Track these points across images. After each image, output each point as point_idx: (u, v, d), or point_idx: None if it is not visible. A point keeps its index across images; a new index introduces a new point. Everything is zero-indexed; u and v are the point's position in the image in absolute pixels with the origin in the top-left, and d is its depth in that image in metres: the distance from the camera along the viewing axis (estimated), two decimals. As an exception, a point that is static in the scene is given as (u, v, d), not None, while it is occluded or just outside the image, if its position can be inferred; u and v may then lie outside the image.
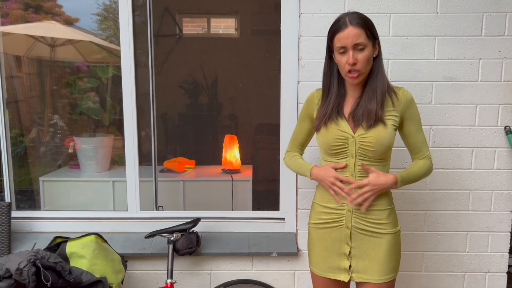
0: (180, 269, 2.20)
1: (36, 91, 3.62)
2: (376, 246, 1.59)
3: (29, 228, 2.27)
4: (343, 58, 1.51)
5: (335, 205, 1.62)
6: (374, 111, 1.53)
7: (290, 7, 2.09)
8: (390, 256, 1.59)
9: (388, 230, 1.59)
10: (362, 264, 1.60)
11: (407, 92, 1.60)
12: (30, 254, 1.62)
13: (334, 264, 1.63)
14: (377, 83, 1.55)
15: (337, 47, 1.51)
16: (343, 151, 1.58)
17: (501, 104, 2.06)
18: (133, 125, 2.22)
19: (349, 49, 1.48)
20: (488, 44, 2.02)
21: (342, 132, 1.56)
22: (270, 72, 4.04)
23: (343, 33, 1.48)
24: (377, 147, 1.53)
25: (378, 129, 1.53)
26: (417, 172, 1.62)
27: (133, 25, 2.18)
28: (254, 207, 2.96)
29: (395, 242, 1.61)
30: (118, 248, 2.13)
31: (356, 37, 1.46)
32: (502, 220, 2.14)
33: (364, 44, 1.48)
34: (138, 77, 2.27)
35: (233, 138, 3.26)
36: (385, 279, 1.59)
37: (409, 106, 1.58)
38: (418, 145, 1.64)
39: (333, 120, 1.58)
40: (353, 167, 1.58)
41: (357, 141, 1.55)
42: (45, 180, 2.92)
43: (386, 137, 1.53)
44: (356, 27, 1.47)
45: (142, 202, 2.29)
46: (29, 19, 3.56)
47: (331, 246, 1.64)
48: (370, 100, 1.54)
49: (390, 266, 1.59)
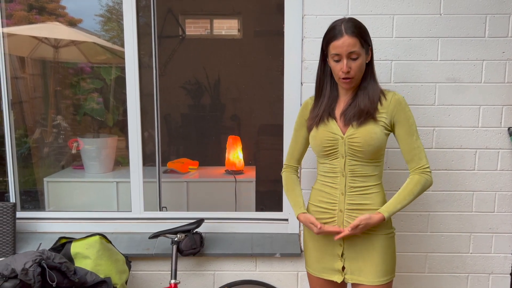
0: (183, 270, 2.21)
1: (39, 92, 3.63)
2: (369, 247, 1.59)
3: (33, 228, 2.28)
4: (337, 65, 1.55)
5: (327, 204, 1.64)
6: (365, 109, 1.56)
7: (294, 9, 2.10)
8: (384, 258, 1.59)
9: (381, 232, 1.60)
10: (356, 266, 1.61)
11: (398, 95, 1.60)
12: (36, 254, 1.63)
13: (328, 265, 1.66)
14: (369, 86, 1.59)
15: (331, 54, 1.55)
16: (333, 152, 1.61)
17: (505, 105, 2.06)
18: (137, 126, 2.23)
19: (344, 58, 1.52)
20: (492, 45, 2.02)
21: (332, 133, 1.60)
22: (273, 73, 4.04)
23: (338, 41, 1.51)
24: (366, 147, 1.54)
25: (367, 128, 1.55)
26: (407, 199, 1.57)
27: (137, 26, 2.18)
28: (257, 208, 2.97)
29: (389, 244, 1.61)
30: (122, 248, 2.14)
31: (351, 47, 1.50)
32: (505, 221, 2.14)
33: (358, 53, 1.52)
34: (142, 78, 2.28)
35: (236, 139, 3.26)
36: (380, 281, 1.58)
37: (399, 109, 1.58)
38: (411, 151, 1.59)
39: (323, 121, 1.62)
40: (343, 168, 1.60)
41: (346, 141, 1.57)
42: (50, 180, 2.93)
43: (374, 137, 1.54)
44: (351, 36, 1.50)
45: (146, 203, 2.30)
46: (32, 20, 3.57)
47: (324, 246, 1.66)
48: (363, 101, 1.57)
49: (384, 268, 1.59)
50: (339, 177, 1.62)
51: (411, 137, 1.59)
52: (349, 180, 1.60)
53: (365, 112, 1.55)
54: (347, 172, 1.60)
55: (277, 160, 2.30)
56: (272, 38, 4.21)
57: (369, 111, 1.56)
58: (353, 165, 1.59)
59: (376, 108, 1.57)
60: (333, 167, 1.63)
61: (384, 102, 1.59)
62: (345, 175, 1.60)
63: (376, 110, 1.57)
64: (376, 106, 1.57)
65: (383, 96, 1.60)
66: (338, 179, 1.62)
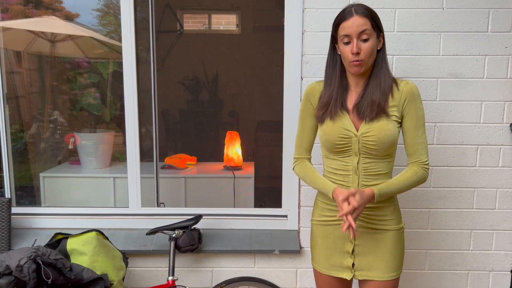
0: (181, 266, 2.19)
1: (36, 86, 3.60)
2: (380, 242, 1.57)
3: (29, 224, 2.25)
4: (347, 48, 1.49)
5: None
6: (377, 101, 1.51)
7: (294, 2, 2.06)
8: (394, 253, 1.58)
9: (392, 227, 1.58)
10: (366, 262, 1.59)
11: (412, 84, 1.54)
12: (31, 250, 1.60)
13: (337, 262, 1.62)
14: (381, 75, 1.53)
15: (341, 35, 1.49)
16: (346, 150, 1.56)
17: (507, 101, 2.04)
18: (135, 122, 2.20)
19: (354, 38, 1.47)
20: (494, 40, 2.00)
21: (346, 130, 1.54)
22: (271, 68, 4.02)
23: (348, 21, 1.47)
24: (380, 145, 1.51)
25: (381, 125, 1.50)
26: (401, 185, 1.52)
27: (135, 21, 2.15)
28: (256, 204, 2.95)
29: (399, 239, 1.59)
30: (119, 245, 2.11)
31: (361, 26, 1.45)
32: (506, 218, 2.12)
33: (368, 33, 1.46)
34: (140, 74, 2.25)
35: (234, 135, 3.24)
36: (390, 276, 1.57)
37: (410, 99, 1.53)
38: (414, 145, 1.55)
39: (336, 114, 1.55)
40: (356, 166, 1.55)
41: (360, 139, 1.53)
42: (46, 176, 2.90)
43: (388, 134, 1.50)
44: (362, 16, 1.46)
45: (143, 199, 2.27)
46: (29, 15, 3.53)
47: (334, 243, 1.62)
48: (375, 92, 1.52)
49: (394, 264, 1.58)
50: (351, 175, 1.57)
51: (417, 131, 1.54)
52: (362, 178, 1.56)
53: (377, 104, 1.50)
54: (360, 170, 1.55)
55: (277, 157, 2.28)
56: (270, 33, 4.19)
57: (380, 104, 1.51)
58: (367, 163, 1.55)
59: (387, 100, 1.52)
60: (344, 165, 1.57)
61: (396, 93, 1.53)
62: (358, 174, 1.56)
63: (387, 103, 1.52)
64: (387, 98, 1.52)
65: (396, 86, 1.54)
66: (350, 177, 1.57)
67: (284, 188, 2.22)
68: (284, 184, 2.21)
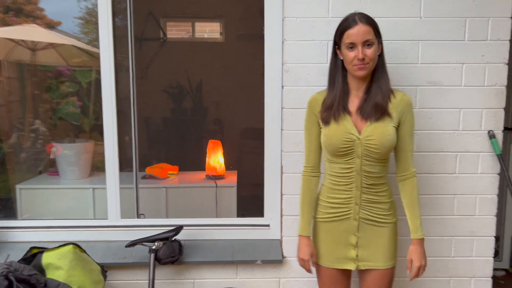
0: (162, 279, 2.14)
1: (16, 95, 3.53)
2: (380, 234, 1.71)
3: (4, 238, 2.19)
4: (351, 53, 1.58)
5: (342, 199, 1.70)
6: (380, 104, 1.61)
7: (274, 11, 2.06)
8: (391, 244, 1.73)
9: (390, 220, 1.73)
10: (367, 252, 1.72)
11: (408, 96, 1.68)
12: (3, 266, 1.55)
13: (341, 254, 1.73)
14: (381, 79, 1.64)
15: (346, 43, 1.59)
16: (349, 153, 1.65)
17: (485, 109, 2.06)
18: (113, 130, 2.16)
19: (358, 45, 1.57)
20: (471, 48, 2.02)
21: (348, 133, 1.63)
22: (255, 76, 4.00)
23: (353, 30, 1.57)
24: (381, 149, 1.61)
25: (382, 129, 1.61)
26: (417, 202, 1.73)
27: (114, 29, 2.13)
28: (238, 214, 2.92)
29: (395, 231, 1.76)
30: (98, 257, 2.06)
31: (366, 34, 1.56)
32: (486, 224, 2.14)
33: (372, 40, 1.58)
34: (121, 81, 2.22)
35: (217, 144, 3.21)
36: (389, 265, 1.72)
37: (408, 110, 1.66)
38: (405, 152, 1.70)
39: (339, 115, 1.64)
40: (359, 168, 1.65)
41: (363, 143, 1.62)
42: (22, 187, 2.82)
43: (389, 138, 1.61)
44: (365, 24, 1.57)
45: (123, 210, 2.23)
46: (9, 23, 3.48)
47: (338, 237, 1.73)
48: (377, 94, 1.62)
49: (391, 253, 1.73)
50: (354, 176, 1.67)
51: (410, 138, 1.68)
52: (364, 179, 1.67)
53: (380, 106, 1.61)
54: (362, 172, 1.66)
55: (259, 164, 2.26)
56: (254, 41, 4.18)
57: (383, 106, 1.61)
58: (367, 165, 1.65)
59: (387, 103, 1.63)
60: (348, 167, 1.67)
61: (393, 99, 1.65)
62: (360, 174, 1.66)
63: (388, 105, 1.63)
64: (388, 101, 1.63)
65: (392, 94, 1.66)
66: (353, 178, 1.67)
67: (266, 197, 2.20)
68: (266, 193, 2.19)
